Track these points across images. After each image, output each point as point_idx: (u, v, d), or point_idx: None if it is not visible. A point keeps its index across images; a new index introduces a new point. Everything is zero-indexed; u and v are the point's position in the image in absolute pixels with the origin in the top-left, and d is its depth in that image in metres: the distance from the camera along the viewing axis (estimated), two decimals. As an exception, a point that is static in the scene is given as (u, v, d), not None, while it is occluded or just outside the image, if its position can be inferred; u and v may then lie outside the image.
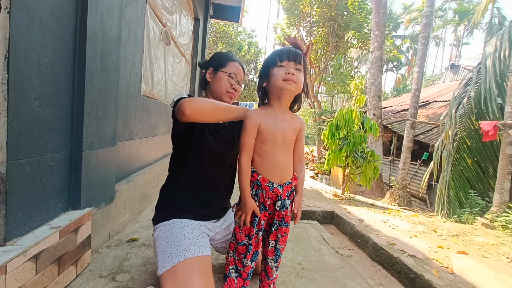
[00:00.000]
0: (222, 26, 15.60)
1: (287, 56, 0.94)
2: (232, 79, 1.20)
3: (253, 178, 0.98)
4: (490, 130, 4.09)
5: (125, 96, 1.88)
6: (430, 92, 13.50)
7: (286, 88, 0.93)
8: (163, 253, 0.99)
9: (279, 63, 0.94)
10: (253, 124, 0.96)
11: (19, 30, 0.87)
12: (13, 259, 0.84)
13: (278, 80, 0.93)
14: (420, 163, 8.44)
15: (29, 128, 0.94)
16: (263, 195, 0.98)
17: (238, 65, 1.24)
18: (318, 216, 3.25)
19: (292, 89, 0.94)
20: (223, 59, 1.23)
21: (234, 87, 1.22)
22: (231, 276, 1.02)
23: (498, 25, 21.83)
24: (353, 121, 4.81)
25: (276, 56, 0.96)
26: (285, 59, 0.93)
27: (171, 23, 3.11)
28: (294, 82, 0.93)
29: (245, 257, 1.00)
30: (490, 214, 3.86)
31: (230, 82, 1.20)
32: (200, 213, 1.15)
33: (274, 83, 0.94)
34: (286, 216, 1.01)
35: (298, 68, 0.95)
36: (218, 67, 1.21)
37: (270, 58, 0.98)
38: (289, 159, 1.02)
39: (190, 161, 1.13)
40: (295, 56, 0.94)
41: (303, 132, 1.05)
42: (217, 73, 1.20)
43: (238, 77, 1.22)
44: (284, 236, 1.03)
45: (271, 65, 0.96)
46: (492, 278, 1.90)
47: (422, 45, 6.69)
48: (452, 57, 32.80)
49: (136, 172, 2.20)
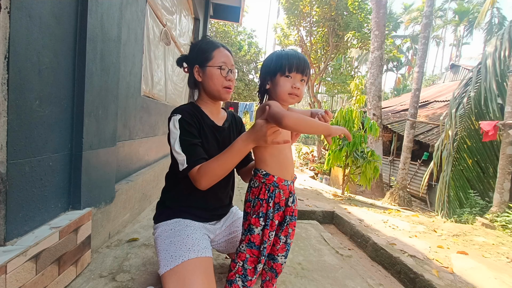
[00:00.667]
0: (222, 26, 15.61)
1: (296, 68, 0.93)
2: (223, 70, 1.08)
3: (269, 181, 0.96)
4: (490, 130, 4.10)
5: (125, 96, 1.88)
6: (430, 92, 13.50)
7: (289, 102, 0.97)
8: (166, 252, 0.98)
9: (287, 73, 0.94)
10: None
11: (19, 30, 0.87)
12: (13, 259, 0.84)
13: (283, 93, 0.95)
14: (420, 163, 8.44)
15: (29, 128, 0.94)
16: (280, 195, 0.97)
17: (224, 50, 1.11)
18: (318, 216, 3.25)
19: (294, 102, 0.98)
20: (206, 50, 1.09)
21: (229, 78, 1.10)
22: (237, 283, 0.99)
23: (498, 25, 21.85)
24: (353, 121, 4.81)
25: (285, 63, 0.93)
26: (294, 70, 0.93)
27: (171, 23, 3.11)
28: (297, 96, 0.96)
29: (258, 264, 0.98)
30: (490, 214, 3.86)
31: (223, 75, 1.08)
32: (201, 215, 1.14)
33: (279, 95, 0.95)
34: (295, 209, 1.03)
35: (303, 79, 0.96)
36: (204, 61, 1.08)
37: (278, 61, 0.95)
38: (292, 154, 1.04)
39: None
40: (303, 68, 0.95)
41: None
42: (206, 69, 1.08)
43: (229, 64, 1.10)
44: (293, 230, 1.04)
45: (279, 70, 0.94)
46: (492, 278, 1.90)
47: (422, 45, 6.70)
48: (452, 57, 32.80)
49: (136, 172, 2.20)
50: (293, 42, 12.10)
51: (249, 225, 0.97)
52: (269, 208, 0.96)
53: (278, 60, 0.95)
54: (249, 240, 0.97)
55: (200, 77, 1.11)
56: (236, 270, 0.99)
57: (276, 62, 0.95)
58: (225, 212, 1.26)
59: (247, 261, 0.98)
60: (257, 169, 0.99)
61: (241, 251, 0.99)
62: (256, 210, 0.95)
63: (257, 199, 0.96)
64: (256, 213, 0.95)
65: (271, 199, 0.96)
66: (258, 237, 0.97)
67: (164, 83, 2.99)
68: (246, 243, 0.97)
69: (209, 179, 0.98)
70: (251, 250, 0.98)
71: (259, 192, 0.96)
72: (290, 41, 12.10)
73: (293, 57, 0.94)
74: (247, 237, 0.97)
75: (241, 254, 0.99)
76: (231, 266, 1.01)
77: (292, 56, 0.94)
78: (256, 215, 0.95)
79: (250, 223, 0.96)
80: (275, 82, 0.96)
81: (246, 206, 1.00)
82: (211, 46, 1.10)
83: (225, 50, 1.12)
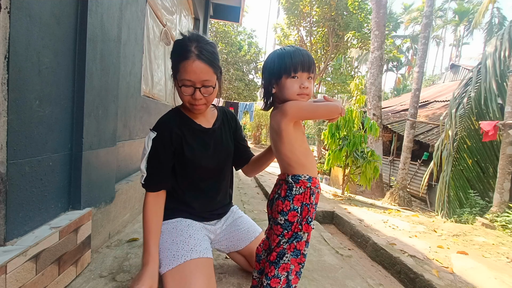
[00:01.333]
0: (222, 26, 15.61)
1: (301, 67, 0.89)
2: (187, 88, 0.93)
3: (313, 184, 0.91)
4: (490, 130, 4.10)
5: (125, 96, 1.88)
6: (430, 92, 13.51)
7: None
8: (168, 250, 0.97)
9: (293, 74, 0.89)
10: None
11: (19, 30, 0.87)
12: (13, 259, 0.84)
13: (292, 95, 0.90)
14: (420, 163, 8.44)
15: (29, 128, 0.94)
16: (318, 195, 0.94)
17: (194, 63, 0.90)
18: (318, 216, 3.25)
19: (305, 101, 0.93)
20: (174, 59, 0.95)
21: (194, 97, 0.94)
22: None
23: (498, 25, 21.86)
24: (353, 121, 4.81)
25: (289, 64, 0.88)
26: (299, 69, 0.89)
27: (171, 23, 3.11)
28: (307, 95, 0.91)
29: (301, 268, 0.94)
30: (490, 214, 3.86)
31: (187, 93, 0.94)
32: (201, 215, 1.14)
33: (288, 98, 0.90)
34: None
35: (310, 76, 0.92)
36: (174, 72, 0.96)
37: (281, 62, 0.90)
38: None
39: (182, 176, 1.09)
40: (309, 65, 0.90)
41: None
42: (176, 83, 0.96)
43: (197, 82, 0.92)
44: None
45: (284, 72, 0.89)
46: (492, 278, 1.90)
47: (422, 45, 6.70)
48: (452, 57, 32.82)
49: (136, 172, 2.20)
50: (293, 42, 12.11)
51: (295, 233, 0.90)
52: (313, 211, 0.92)
53: (281, 61, 0.89)
54: (295, 248, 0.91)
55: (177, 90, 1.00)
56: (281, 283, 0.90)
57: (279, 64, 0.90)
58: (225, 211, 1.25)
59: (291, 271, 0.92)
60: (298, 176, 0.91)
61: (285, 262, 0.91)
62: (305, 216, 0.90)
63: (304, 205, 0.90)
64: (305, 219, 0.90)
65: (311, 205, 0.92)
66: (304, 243, 0.92)
67: (164, 83, 2.99)
68: (291, 252, 0.91)
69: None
70: (295, 259, 0.92)
71: (305, 197, 0.90)
72: (290, 41, 12.11)
73: (296, 55, 0.88)
74: (292, 245, 0.90)
75: (284, 265, 0.91)
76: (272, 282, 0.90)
77: (295, 54, 0.89)
78: (306, 221, 0.90)
79: (298, 231, 0.90)
80: (281, 85, 0.90)
81: (289, 215, 0.90)
82: (179, 55, 0.93)
83: (198, 61, 0.91)
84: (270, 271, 0.90)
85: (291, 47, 0.92)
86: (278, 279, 0.89)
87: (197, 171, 1.09)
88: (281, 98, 0.93)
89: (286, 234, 0.90)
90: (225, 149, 1.16)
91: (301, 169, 0.91)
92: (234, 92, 16.02)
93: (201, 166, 1.08)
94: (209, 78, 0.94)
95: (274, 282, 0.89)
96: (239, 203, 3.00)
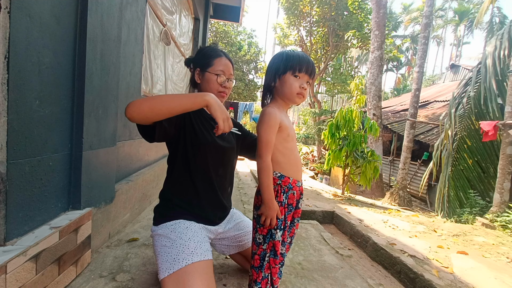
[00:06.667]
0: (222, 26, 15.59)
1: (306, 69, 0.96)
2: (220, 78, 1.16)
3: (285, 183, 0.95)
4: (490, 130, 4.09)
5: (125, 96, 1.88)
6: (430, 92, 13.50)
7: (296, 102, 1.00)
8: (167, 254, 0.96)
9: (297, 72, 0.96)
10: (277, 120, 0.94)
11: (19, 30, 0.87)
12: (13, 259, 0.84)
13: (292, 92, 0.97)
14: (420, 163, 8.44)
15: (29, 128, 0.94)
16: (293, 196, 0.97)
17: (225, 60, 1.19)
18: (318, 216, 3.25)
19: (300, 102, 1.00)
20: (209, 56, 1.18)
21: (225, 85, 1.17)
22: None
23: (499, 24, 21.85)
24: (353, 121, 4.80)
25: (296, 63, 0.96)
26: (303, 71, 0.96)
27: (171, 23, 3.10)
28: (304, 96, 0.98)
29: (281, 267, 0.97)
30: (490, 214, 3.85)
31: (219, 82, 1.16)
32: (201, 217, 1.13)
33: (287, 93, 0.97)
34: (300, 211, 1.05)
35: (309, 81, 0.99)
36: (205, 67, 1.16)
37: (289, 60, 0.96)
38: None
39: (187, 162, 1.10)
40: (312, 71, 0.98)
41: None
42: (205, 74, 1.16)
43: (227, 74, 1.18)
44: (296, 230, 1.05)
45: (290, 69, 0.96)
46: (492, 278, 1.90)
47: (422, 45, 6.69)
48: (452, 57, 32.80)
49: (136, 172, 2.20)
50: (293, 42, 12.11)
51: (269, 230, 0.94)
52: (286, 211, 0.94)
53: (289, 59, 0.97)
54: (273, 247, 0.94)
55: (199, 79, 1.19)
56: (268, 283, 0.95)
57: (287, 61, 0.97)
58: (225, 214, 1.25)
59: (272, 271, 0.95)
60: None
61: (268, 262, 0.94)
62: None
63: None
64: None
65: (285, 199, 0.94)
66: (279, 243, 0.94)
67: (164, 83, 2.99)
68: (270, 250, 0.94)
69: (130, 111, 0.90)
70: (274, 259, 0.94)
71: (275, 195, 0.93)
72: (290, 41, 12.10)
73: (303, 59, 0.97)
74: (270, 244, 0.93)
75: (268, 264, 0.94)
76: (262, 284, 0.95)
77: (303, 58, 0.97)
78: (276, 218, 0.92)
79: (272, 228, 0.93)
80: (283, 80, 0.97)
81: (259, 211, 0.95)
82: (214, 53, 1.18)
83: (227, 59, 1.19)
84: (258, 276, 0.95)
85: (300, 52, 1.01)
86: (266, 279, 0.96)
87: (208, 149, 1.10)
88: (280, 93, 1.00)
89: (260, 230, 0.96)
90: (229, 139, 1.21)
91: (275, 167, 0.96)
92: (234, 92, 15.98)
93: (211, 144, 1.11)
94: (233, 73, 1.22)
95: (263, 284, 0.96)
96: (239, 203, 3.01)
